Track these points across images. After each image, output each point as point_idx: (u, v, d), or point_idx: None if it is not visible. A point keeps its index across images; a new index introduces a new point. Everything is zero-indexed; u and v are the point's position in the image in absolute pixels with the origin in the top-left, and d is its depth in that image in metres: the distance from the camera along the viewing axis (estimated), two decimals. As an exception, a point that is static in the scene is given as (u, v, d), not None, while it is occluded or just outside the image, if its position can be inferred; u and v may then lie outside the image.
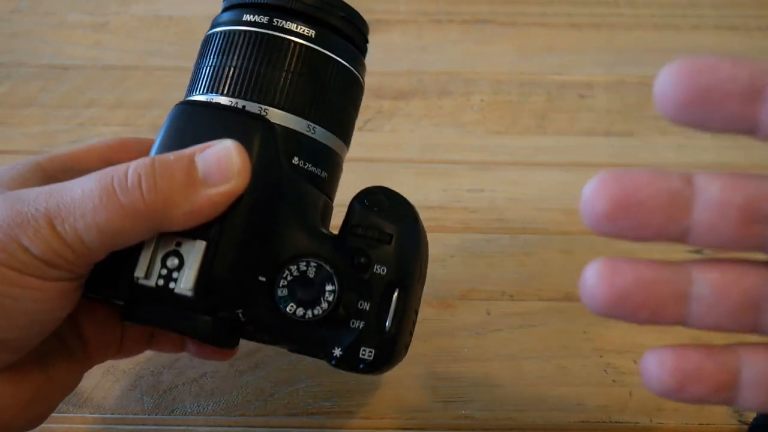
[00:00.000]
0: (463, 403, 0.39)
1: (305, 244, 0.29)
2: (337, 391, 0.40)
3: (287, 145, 0.30)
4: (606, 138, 0.54)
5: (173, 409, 0.39)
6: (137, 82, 0.57)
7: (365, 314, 0.30)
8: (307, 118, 0.30)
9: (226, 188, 0.27)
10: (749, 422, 0.39)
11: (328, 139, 0.31)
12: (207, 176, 0.27)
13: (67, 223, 0.26)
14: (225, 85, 0.30)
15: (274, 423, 0.38)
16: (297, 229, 0.29)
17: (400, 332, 0.30)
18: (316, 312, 0.29)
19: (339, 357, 0.30)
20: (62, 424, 0.38)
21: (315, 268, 0.29)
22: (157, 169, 0.27)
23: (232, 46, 0.30)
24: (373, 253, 0.30)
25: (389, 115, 0.54)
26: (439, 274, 0.29)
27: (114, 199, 0.26)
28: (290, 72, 0.30)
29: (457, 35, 0.62)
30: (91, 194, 0.26)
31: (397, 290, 0.30)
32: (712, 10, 0.65)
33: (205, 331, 0.29)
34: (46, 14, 0.63)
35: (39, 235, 0.26)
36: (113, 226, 0.26)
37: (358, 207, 0.30)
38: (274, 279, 0.29)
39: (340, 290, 0.29)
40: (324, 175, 0.31)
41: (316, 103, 0.31)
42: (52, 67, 0.58)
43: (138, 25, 0.62)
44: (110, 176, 0.27)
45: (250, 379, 0.40)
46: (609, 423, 0.39)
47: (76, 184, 0.27)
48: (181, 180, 0.27)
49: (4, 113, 0.55)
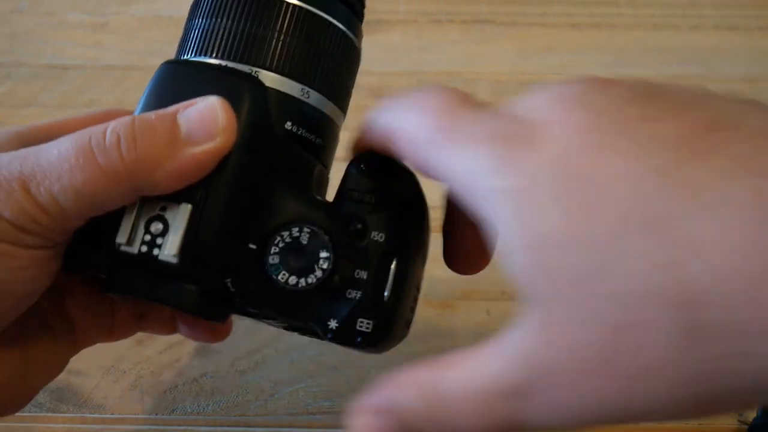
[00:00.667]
0: (463, 403, 0.39)
1: (298, 210, 0.28)
2: (337, 391, 0.40)
3: (280, 110, 0.28)
4: (606, 138, 0.54)
5: (173, 409, 0.39)
6: (137, 82, 0.57)
7: (362, 283, 0.27)
8: (300, 82, 0.29)
9: (210, 146, 0.26)
10: (749, 422, 0.39)
11: (323, 105, 0.30)
12: (190, 134, 0.26)
13: (42, 185, 0.25)
14: (215, 47, 0.29)
15: (274, 423, 0.38)
16: (289, 194, 0.28)
17: (400, 304, 0.28)
18: (310, 280, 0.27)
19: (334, 329, 0.27)
20: (62, 424, 0.38)
21: (308, 234, 0.27)
22: (137, 127, 0.25)
23: (223, 7, 0.29)
24: (370, 219, 0.28)
25: (389, 115, 0.54)
26: (439, 274, 0.29)
27: (91, 160, 0.25)
28: (283, 34, 0.29)
29: (457, 35, 0.62)
30: (68, 155, 0.25)
31: (396, 258, 0.28)
32: (712, 10, 0.65)
33: (190, 301, 0.27)
34: (46, 14, 0.63)
35: (11, 198, 0.24)
36: (91, 188, 0.25)
37: (354, 171, 0.28)
38: (264, 246, 0.27)
39: (336, 257, 0.27)
40: (319, 142, 0.30)
41: (311, 66, 0.29)
42: (52, 67, 0.58)
43: (138, 25, 0.62)
44: (87, 136, 0.25)
45: (250, 379, 0.40)
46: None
47: (52, 146, 0.25)
48: (163, 138, 0.25)
49: (4, 113, 0.55)
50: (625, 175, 0.19)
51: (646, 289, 0.18)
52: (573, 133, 0.20)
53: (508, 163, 0.21)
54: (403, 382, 0.23)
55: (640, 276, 0.18)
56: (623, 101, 0.21)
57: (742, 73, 0.58)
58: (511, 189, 0.20)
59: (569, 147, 0.20)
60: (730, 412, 0.18)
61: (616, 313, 0.18)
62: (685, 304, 0.17)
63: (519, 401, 0.20)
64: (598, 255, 0.19)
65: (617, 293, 0.18)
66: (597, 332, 0.19)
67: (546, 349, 0.20)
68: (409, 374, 0.23)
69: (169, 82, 0.28)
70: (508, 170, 0.21)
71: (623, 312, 0.18)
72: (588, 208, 0.19)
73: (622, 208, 0.18)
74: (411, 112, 0.25)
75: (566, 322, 0.19)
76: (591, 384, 0.19)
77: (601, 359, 0.19)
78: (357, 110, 0.33)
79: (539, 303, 0.20)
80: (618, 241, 0.18)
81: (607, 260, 0.18)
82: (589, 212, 0.19)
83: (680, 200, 0.18)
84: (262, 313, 0.30)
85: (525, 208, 0.20)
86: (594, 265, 0.19)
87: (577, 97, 0.21)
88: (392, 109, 0.26)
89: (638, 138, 0.19)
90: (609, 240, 0.18)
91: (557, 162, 0.20)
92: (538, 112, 0.22)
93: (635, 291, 0.18)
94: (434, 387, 0.22)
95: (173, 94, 0.27)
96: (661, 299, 0.18)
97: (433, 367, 0.23)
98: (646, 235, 0.18)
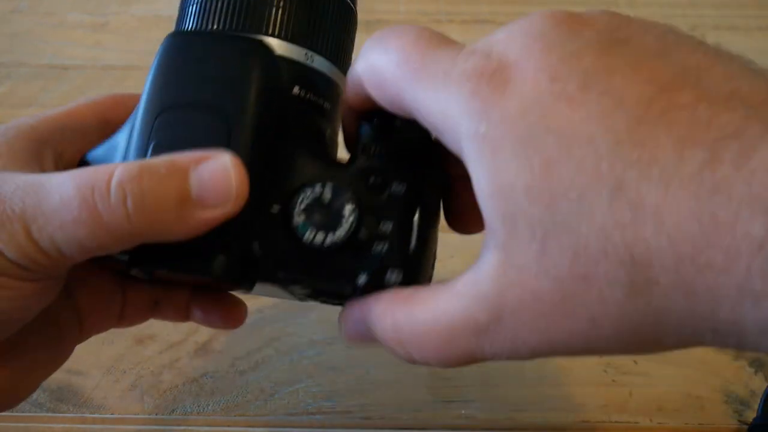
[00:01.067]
0: (463, 403, 0.39)
1: (316, 171, 0.27)
2: (337, 391, 0.40)
3: (287, 75, 0.28)
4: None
5: (173, 409, 0.39)
6: (137, 82, 0.57)
7: (388, 236, 0.27)
8: (304, 46, 0.29)
9: (219, 212, 0.25)
10: (749, 422, 0.39)
11: (327, 68, 0.30)
12: (201, 197, 0.25)
13: (44, 231, 0.24)
14: (215, 18, 0.28)
15: (274, 423, 0.38)
16: (307, 156, 0.28)
17: (425, 255, 0.28)
18: (338, 235, 0.27)
19: (364, 285, 0.27)
20: (62, 424, 0.38)
21: (331, 189, 0.27)
22: (146, 182, 0.24)
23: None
24: (389, 171, 0.27)
25: (389, 115, 0.54)
26: (439, 274, 0.29)
27: (95, 216, 0.24)
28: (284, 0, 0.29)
29: (457, 35, 0.62)
30: (70, 205, 0.24)
31: (419, 209, 0.28)
32: (712, 10, 0.65)
33: (220, 269, 0.27)
34: (46, 14, 0.63)
35: (14, 241, 0.24)
36: (94, 242, 0.24)
37: (367, 127, 0.28)
38: (288, 207, 0.27)
39: (359, 212, 0.27)
40: (327, 106, 0.30)
41: (313, 30, 0.29)
42: (52, 67, 0.58)
43: (138, 25, 0.62)
44: (90, 186, 0.24)
45: (250, 379, 0.40)
46: (609, 423, 0.39)
47: (54, 187, 0.24)
48: (173, 199, 0.24)
49: (4, 113, 0.55)
50: (589, 135, 0.20)
51: (604, 246, 0.20)
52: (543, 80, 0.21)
53: (481, 109, 0.22)
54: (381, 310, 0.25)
55: (599, 234, 0.20)
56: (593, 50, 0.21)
57: (742, 73, 0.58)
58: (482, 136, 0.21)
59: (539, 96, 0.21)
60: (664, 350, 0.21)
61: (575, 265, 0.20)
62: (635, 262, 0.19)
63: (480, 337, 0.22)
64: (561, 211, 0.20)
65: (577, 248, 0.20)
66: (556, 280, 0.21)
67: (510, 291, 0.21)
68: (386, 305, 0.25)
69: (178, 56, 0.28)
70: (480, 116, 0.21)
71: (582, 265, 0.20)
72: (554, 164, 0.20)
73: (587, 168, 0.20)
74: (378, 53, 0.25)
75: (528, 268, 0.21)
76: (547, 323, 0.21)
77: (558, 303, 0.21)
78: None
79: (505, 248, 0.21)
80: (581, 200, 0.20)
81: (570, 216, 0.20)
82: (556, 168, 0.20)
83: (639, 165, 0.19)
84: (288, 277, 0.29)
85: (494, 156, 0.21)
86: (558, 220, 0.20)
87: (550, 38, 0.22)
88: (361, 57, 0.26)
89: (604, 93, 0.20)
90: (573, 198, 0.20)
91: (527, 112, 0.21)
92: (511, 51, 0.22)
93: (594, 247, 0.20)
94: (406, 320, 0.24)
95: (183, 71, 0.27)
96: (615, 256, 0.19)
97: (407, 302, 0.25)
98: (607, 196, 0.19)
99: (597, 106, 0.20)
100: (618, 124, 0.20)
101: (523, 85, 0.21)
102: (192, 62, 0.27)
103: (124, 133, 0.28)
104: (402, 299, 0.25)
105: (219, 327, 0.35)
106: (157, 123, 0.27)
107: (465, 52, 0.23)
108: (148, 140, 0.27)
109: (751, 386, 0.41)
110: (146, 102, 0.27)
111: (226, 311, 0.33)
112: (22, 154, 0.28)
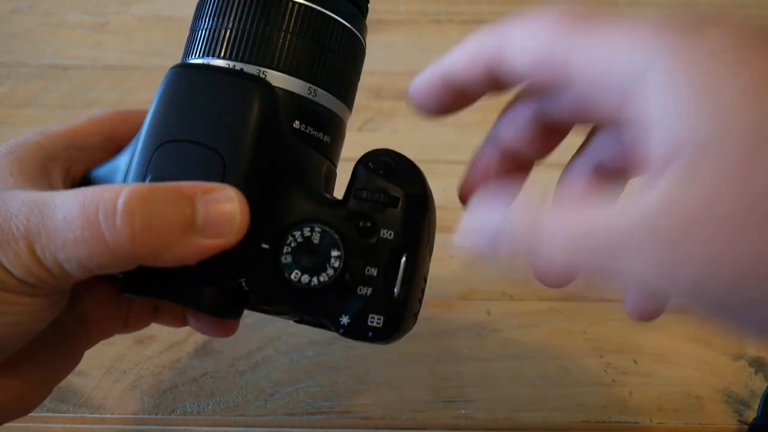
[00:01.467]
0: (463, 403, 0.39)
1: (308, 210, 0.28)
2: (337, 391, 0.40)
3: (288, 109, 0.29)
4: (606, 138, 0.54)
5: (173, 409, 0.39)
6: (137, 82, 0.57)
7: (373, 280, 0.28)
8: (307, 81, 0.29)
9: (220, 242, 0.25)
10: (749, 422, 0.39)
11: (329, 102, 0.30)
12: (205, 226, 0.25)
13: (47, 249, 0.24)
14: (222, 48, 0.29)
15: (274, 423, 0.38)
16: (299, 194, 0.28)
17: (409, 298, 0.29)
18: (322, 279, 0.28)
19: (347, 325, 0.29)
20: (62, 424, 0.38)
21: (320, 233, 0.28)
22: (153, 207, 0.24)
23: (228, 7, 0.29)
24: (379, 217, 0.28)
25: (389, 115, 0.54)
26: (439, 274, 0.29)
27: (98, 235, 0.24)
28: (289, 33, 0.29)
29: (457, 35, 0.62)
30: (73, 224, 0.24)
31: (405, 255, 0.29)
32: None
33: (207, 301, 0.28)
34: (46, 14, 0.63)
35: (18, 259, 0.24)
36: (96, 261, 0.24)
37: (362, 170, 0.29)
38: (277, 246, 0.28)
39: (346, 256, 0.28)
40: (326, 140, 0.30)
41: (317, 64, 0.30)
42: (52, 67, 0.58)
43: (138, 25, 0.62)
44: (95, 205, 0.24)
45: (250, 379, 0.40)
46: (609, 423, 0.39)
47: (59, 205, 0.25)
48: (178, 224, 0.25)
49: (4, 113, 0.55)
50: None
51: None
52: (733, 31, 0.21)
53: (672, 46, 0.21)
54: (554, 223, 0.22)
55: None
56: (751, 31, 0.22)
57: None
58: (685, 62, 0.20)
59: (735, 41, 0.21)
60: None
61: None
62: None
63: (676, 243, 0.19)
64: (756, 140, 0.19)
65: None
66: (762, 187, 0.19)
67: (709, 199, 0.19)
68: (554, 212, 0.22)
69: (180, 89, 0.28)
70: (668, 48, 0.21)
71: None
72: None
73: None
74: (523, 26, 0.24)
75: (728, 179, 0.19)
76: (743, 236, 0.19)
77: (755, 211, 0.19)
78: (357, 111, 0.33)
79: (692, 166, 0.19)
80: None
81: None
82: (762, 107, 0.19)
83: None
84: (275, 310, 0.30)
85: (690, 79, 0.20)
86: (753, 146, 0.19)
87: (714, 22, 0.22)
88: (495, 32, 0.25)
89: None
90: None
91: (727, 51, 0.20)
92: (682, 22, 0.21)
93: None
94: (580, 223, 0.21)
95: (184, 105, 0.28)
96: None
97: (575, 209, 0.22)
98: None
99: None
100: None
101: (718, 29, 0.21)
102: (193, 97, 0.28)
103: (125, 156, 0.29)
104: (568, 210, 0.22)
105: (213, 335, 0.36)
106: (156, 155, 0.28)
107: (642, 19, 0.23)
108: (146, 171, 0.27)
109: (751, 386, 0.41)
110: (147, 132, 0.28)
111: (219, 321, 0.34)
112: (33, 171, 0.28)
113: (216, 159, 0.27)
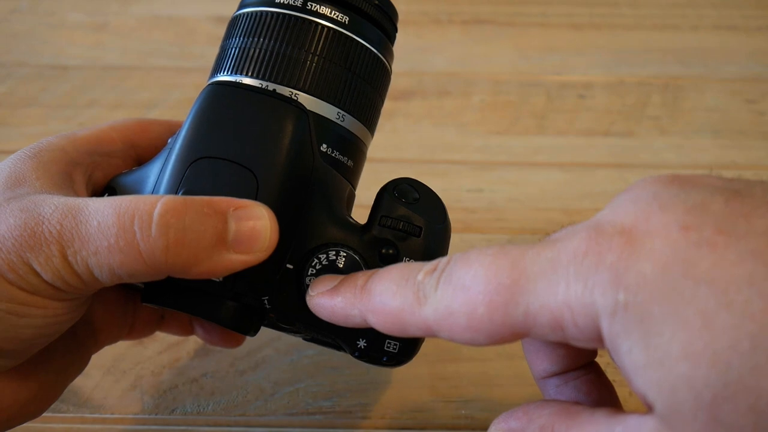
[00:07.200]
0: (463, 403, 0.39)
1: (334, 233, 0.29)
2: (337, 391, 0.40)
3: (318, 133, 0.29)
4: (605, 138, 0.54)
5: (173, 409, 0.39)
6: (137, 82, 0.57)
7: None
8: (336, 106, 0.30)
9: (249, 258, 0.26)
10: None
11: (356, 128, 0.31)
12: (236, 242, 0.26)
13: (79, 255, 0.25)
14: (252, 66, 0.29)
15: (274, 423, 0.39)
16: (326, 217, 0.29)
17: None
18: None
19: (363, 349, 0.29)
20: (62, 424, 0.38)
21: (344, 257, 0.28)
22: (189, 220, 0.25)
23: (261, 27, 0.30)
24: (401, 245, 0.29)
25: (389, 115, 0.54)
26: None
27: (132, 245, 0.24)
28: (321, 57, 0.30)
29: (457, 35, 0.62)
30: (108, 232, 0.24)
31: None
32: (712, 10, 0.65)
33: (228, 316, 0.29)
34: (46, 14, 0.63)
35: (50, 263, 0.25)
36: (127, 269, 0.25)
37: (387, 197, 0.30)
38: (302, 267, 0.28)
39: None
40: (350, 164, 0.31)
41: (347, 90, 0.30)
42: (52, 67, 0.58)
43: (138, 25, 0.62)
44: (131, 214, 0.25)
45: (250, 379, 0.40)
46: (609, 423, 0.39)
47: (93, 212, 0.25)
48: (211, 239, 0.25)
49: (4, 113, 0.55)
50: (749, 276, 0.19)
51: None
52: (674, 231, 0.20)
53: (611, 279, 0.20)
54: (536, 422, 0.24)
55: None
56: (719, 199, 0.20)
57: (742, 73, 0.58)
58: (623, 305, 0.20)
59: (675, 249, 0.19)
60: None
61: (760, 428, 0.18)
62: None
63: None
64: (733, 367, 0.18)
65: (760, 407, 0.18)
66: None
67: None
68: (542, 415, 0.25)
69: (217, 107, 0.29)
70: (613, 286, 0.20)
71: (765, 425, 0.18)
72: (714, 316, 0.18)
73: (755, 313, 0.18)
74: (452, 294, 0.23)
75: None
76: None
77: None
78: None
79: (667, 421, 0.19)
80: (756, 350, 0.18)
81: (744, 372, 0.18)
82: (717, 320, 0.18)
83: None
84: (292, 330, 0.31)
85: (642, 323, 0.19)
86: (730, 378, 0.18)
87: (667, 196, 0.21)
88: (429, 305, 0.24)
89: (749, 233, 0.19)
90: (745, 349, 0.18)
91: (667, 268, 0.19)
92: (625, 218, 0.21)
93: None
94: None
95: (220, 123, 0.28)
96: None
97: (564, 418, 0.24)
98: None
99: (747, 245, 0.19)
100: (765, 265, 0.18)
101: (652, 242, 0.20)
102: (230, 116, 0.28)
103: (154, 167, 0.29)
104: (559, 416, 0.24)
105: (219, 345, 0.36)
106: (190, 171, 0.28)
107: (560, 239, 0.22)
108: (179, 184, 0.28)
109: (750, 386, 0.41)
110: (181, 146, 0.28)
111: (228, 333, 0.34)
112: (57, 176, 0.28)
113: (250, 178, 0.28)
